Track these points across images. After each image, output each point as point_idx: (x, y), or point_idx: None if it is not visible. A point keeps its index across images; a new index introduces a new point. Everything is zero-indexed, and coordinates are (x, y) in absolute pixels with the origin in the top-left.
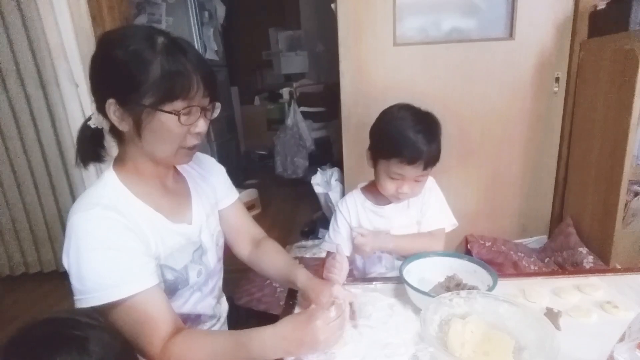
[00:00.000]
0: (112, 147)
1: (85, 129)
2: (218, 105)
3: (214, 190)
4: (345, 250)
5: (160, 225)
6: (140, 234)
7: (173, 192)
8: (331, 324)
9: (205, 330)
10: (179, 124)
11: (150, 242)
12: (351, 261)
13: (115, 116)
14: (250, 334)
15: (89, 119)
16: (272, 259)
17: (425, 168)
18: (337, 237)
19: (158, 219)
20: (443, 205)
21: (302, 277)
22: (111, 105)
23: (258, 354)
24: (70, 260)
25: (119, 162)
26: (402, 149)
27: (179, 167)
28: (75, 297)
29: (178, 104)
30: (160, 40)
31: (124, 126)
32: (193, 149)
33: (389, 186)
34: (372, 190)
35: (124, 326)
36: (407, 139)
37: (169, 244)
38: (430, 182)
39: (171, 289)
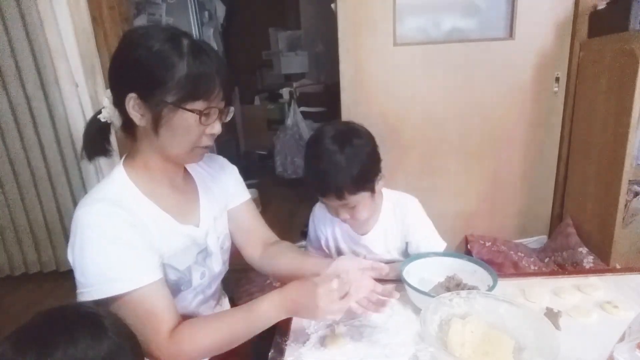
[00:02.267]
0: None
1: (93, 123)
2: (232, 109)
3: (224, 190)
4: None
5: (166, 225)
6: (144, 231)
7: (182, 192)
8: (332, 294)
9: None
10: (197, 124)
11: (155, 240)
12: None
13: (135, 110)
14: (259, 298)
15: (99, 112)
16: (288, 256)
17: (340, 198)
18: (317, 244)
19: (165, 218)
20: (431, 232)
21: (311, 262)
22: (131, 100)
23: (265, 314)
24: (74, 254)
25: (130, 158)
26: (311, 181)
27: (188, 168)
28: (78, 291)
29: (199, 104)
30: (186, 41)
31: (142, 121)
32: (205, 148)
33: (330, 210)
34: None
35: (127, 320)
36: (313, 170)
37: (173, 244)
38: (413, 211)
39: (174, 290)
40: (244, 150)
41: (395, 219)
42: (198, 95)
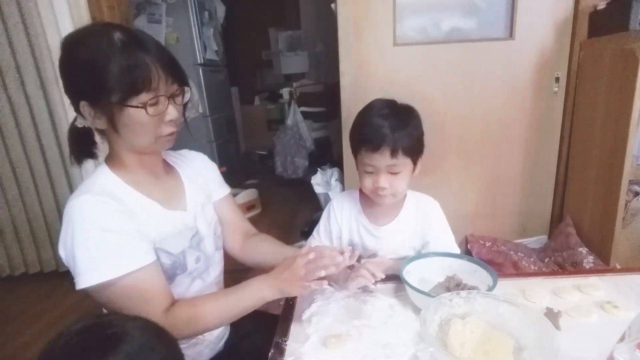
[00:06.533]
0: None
1: (73, 129)
2: (187, 89)
3: (207, 182)
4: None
5: (154, 211)
6: (131, 217)
7: (164, 180)
8: (310, 264)
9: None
10: (148, 116)
11: (143, 224)
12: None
13: (91, 116)
14: (250, 279)
15: (75, 120)
16: (267, 246)
17: (393, 155)
18: (325, 237)
19: (152, 205)
20: (450, 237)
21: (291, 251)
22: (85, 107)
23: (256, 293)
24: (66, 245)
25: (109, 158)
26: (366, 135)
27: (170, 160)
28: (75, 280)
29: (143, 97)
30: (117, 36)
31: (101, 124)
32: (170, 136)
33: (366, 182)
34: (370, 202)
35: (121, 303)
36: (370, 124)
37: (162, 229)
38: (435, 213)
39: (169, 274)
40: (244, 150)
41: (416, 218)
42: (138, 88)
